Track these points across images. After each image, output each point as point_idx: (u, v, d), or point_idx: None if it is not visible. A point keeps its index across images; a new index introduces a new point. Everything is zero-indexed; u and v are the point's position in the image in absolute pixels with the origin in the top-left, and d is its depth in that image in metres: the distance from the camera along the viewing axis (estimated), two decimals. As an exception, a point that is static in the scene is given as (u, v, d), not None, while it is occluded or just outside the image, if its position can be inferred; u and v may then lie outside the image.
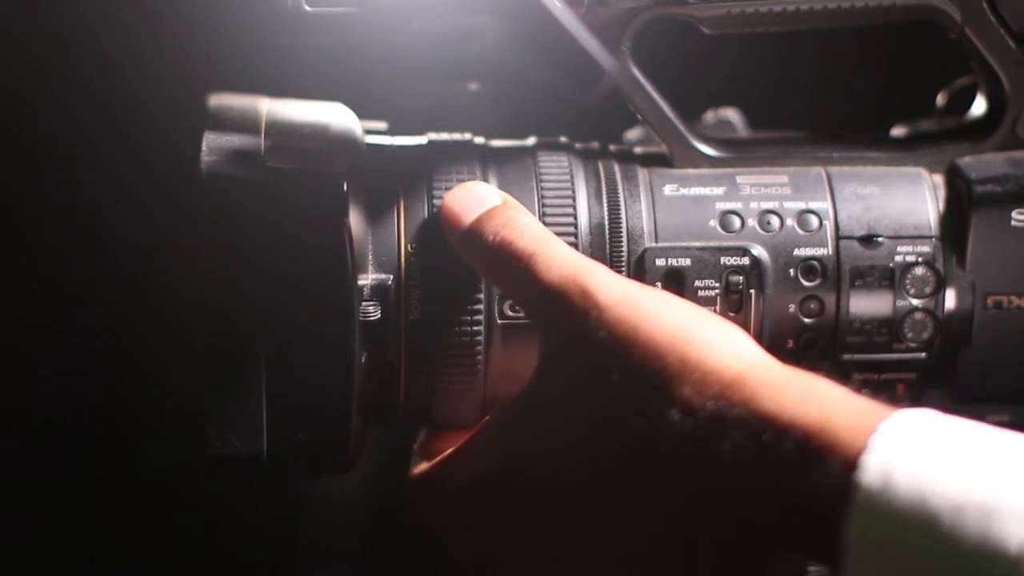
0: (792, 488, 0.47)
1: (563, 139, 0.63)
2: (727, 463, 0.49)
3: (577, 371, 0.53)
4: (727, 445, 0.48)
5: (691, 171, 0.61)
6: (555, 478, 0.53)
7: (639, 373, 0.51)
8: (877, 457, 0.45)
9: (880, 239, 0.60)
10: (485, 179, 0.60)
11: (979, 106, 0.65)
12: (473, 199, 0.58)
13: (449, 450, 0.58)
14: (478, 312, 0.58)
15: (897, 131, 0.67)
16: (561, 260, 0.55)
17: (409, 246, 0.59)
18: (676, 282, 0.59)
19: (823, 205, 0.60)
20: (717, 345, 0.51)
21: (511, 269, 0.56)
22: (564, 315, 0.54)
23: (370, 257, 0.58)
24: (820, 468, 0.46)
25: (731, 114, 0.68)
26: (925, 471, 0.44)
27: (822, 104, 0.85)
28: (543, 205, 0.60)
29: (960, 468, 0.44)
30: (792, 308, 0.59)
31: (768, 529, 0.48)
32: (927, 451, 0.45)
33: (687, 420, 0.50)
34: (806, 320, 0.60)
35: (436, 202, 0.59)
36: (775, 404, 0.48)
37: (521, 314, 0.59)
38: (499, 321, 0.59)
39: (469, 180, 0.60)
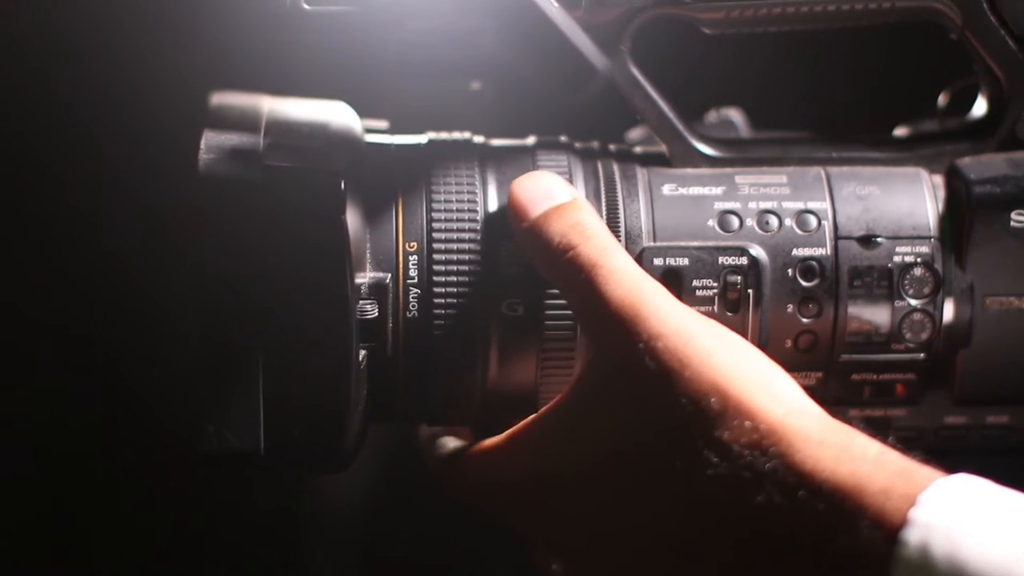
0: (824, 549, 0.47)
1: (563, 139, 0.63)
2: (760, 513, 0.49)
3: (619, 396, 0.53)
4: (761, 496, 0.49)
5: (690, 171, 0.61)
6: (591, 491, 0.54)
7: (680, 412, 0.52)
8: (916, 533, 0.45)
9: (879, 239, 0.60)
10: (484, 178, 0.60)
11: (979, 107, 0.65)
12: (541, 191, 0.58)
13: (492, 440, 0.58)
14: (476, 311, 0.58)
15: (897, 131, 0.67)
16: (621, 277, 0.55)
17: (408, 245, 0.59)
18: (674, 282, 0.59)
19: (822, 205, 0.60)
20: (758, 391, 0.51)
21: (572, 277, 0.56)
22: (615, 336, 0.54)
23: (368, 255, 0.58)
24: (853, 532, 0.47)
25: (733, 114, 0.68)
26: (963, 552, 0.45)
27: (822, 104, 0.85)
28: (542, 204, 0.60)
29: (998, 551, 0.44)
30: (790, 308, 0.59)
31: None
32: (966, 529, 0.45)
33: (723, 465, 0.50)
34: (804, 320, 0.59)
35: (435, 202, 0.59)
36: (811, 461, 0.49)
37: (519, 312, 0.59)
38: (497, 319, 0.59)
39: (468, 179, 0.60)
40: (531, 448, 0.56)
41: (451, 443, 0.60)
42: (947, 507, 0.46)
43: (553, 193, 0.58)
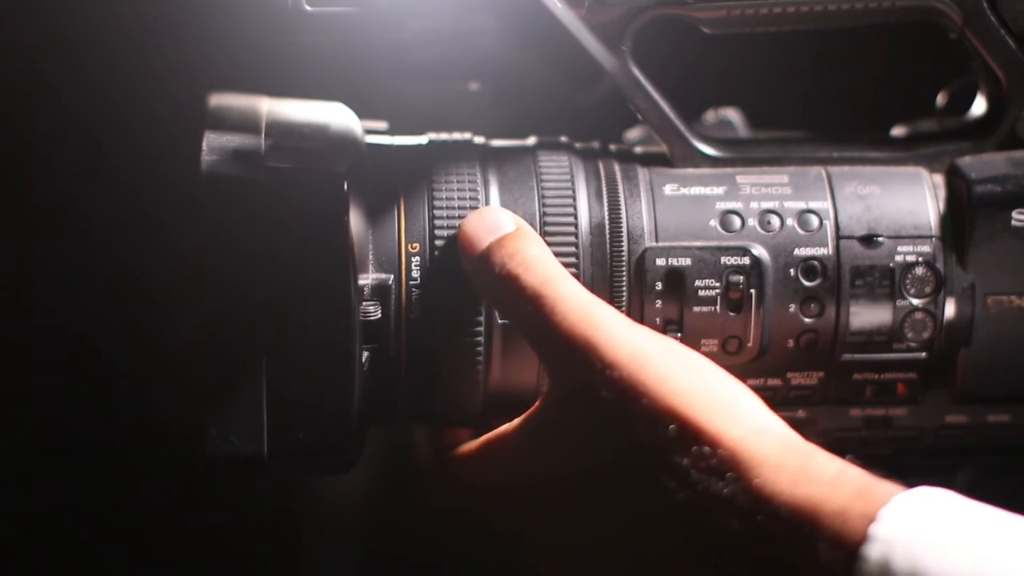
0: (784, 571, 0.48)
1: (563, 139, 0.63)
2: (721, 538, 0.49)
3: (578, 422, 0.54)
4: (721, 521, 0.49)
5: (691, 171, 0.61)
6: (559, 502, 0.55)
7: (639, 440, 0.52)
8: (877, 548, 0.46)
9: (880, 239, 0.60)
10: (485, 179, 0.60)
11: (979, 106, 0.65)
12: (487, 225, 0.58)
13: (468, 446, 0.58)
14: (478, 312, 0.58)
15: (897, 131, 0.67)
16: (567, 305, 0.55)
17: (410, 246, 0.59)
18: (676, 282, 0.59)
19: (823, 205, 0.60)
20: (716, 413, 0.52)
21: (517, 308, 0.56)
22: (569, 366, 0.54)
23: (370, 257, 0.58)
24: (811, 554, 0.47)
25: (731, 114, 0.68)
26: (925, 565, 0.45)
27: (822, 104, 0.85)
28: (543, 205, 0.60)
29: (961, 563, 0.45)
30: (792, 308, 0.59)
31: None
32: (928, 542, 0.45)
33: (682, 490, 0.51)
34: (806, 320, 0.60)
35: (436, 202, 0.59)
36: (768, 485, 0.49)
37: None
38: (499, 321, 0.59)
39: (469, 180, 0.60)
40: (503, 457, 0.57)
41: (435, 444, 0.61)
42: (908, 521, 0.46)
43: (499, 225, 0.58)
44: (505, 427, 0.57)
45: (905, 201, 0.60)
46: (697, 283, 0.59)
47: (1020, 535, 0.46)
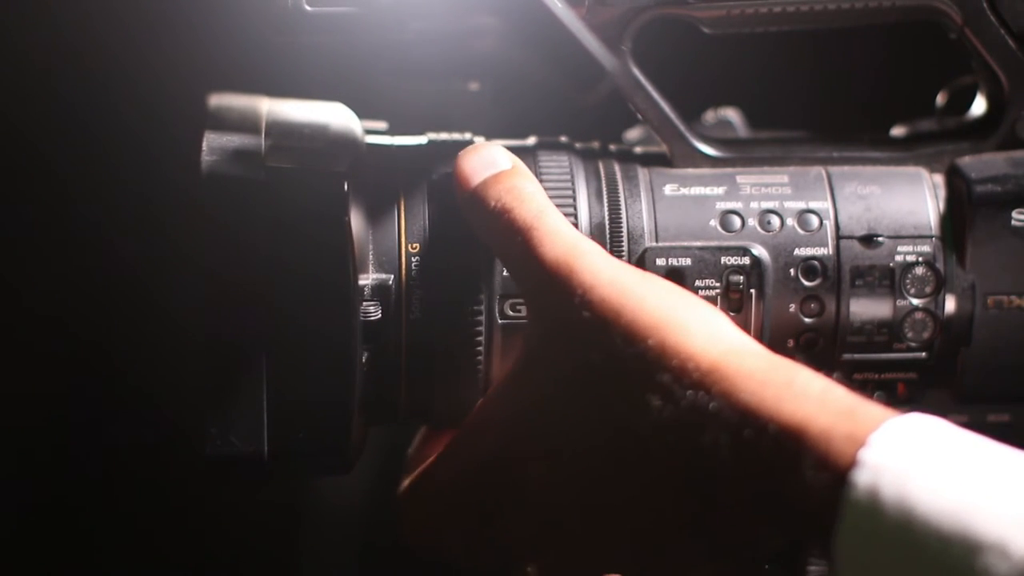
0: (771, 489, 0.47)
1: (563, 139, 0.63)
2: (707, 455, 0.49)
3: (560, 352, 0.54)
4: (707, 437, 0.49)
5: (691, 171, 0.61)
6: (548, 459, 0.54)
7: (619, 357, 0.52)
8: (865, 475, 0.45)
9: (880, 239, 0.60)
10: (485, 179, 0.60)
11: (979, 106, 0.65)
12: (483, 161, 0.58)
13: (450, 438, 0.58)
14: (479, 312, 0.58)
15: (897, 131, 0.67)
16: (555, 237, 0.55)
17: (410, 246, 0.59)
18: (677, 282, 0.59)
19: (823, 205, 0.60)
20: (697, 330, 0.52)
21: (508, 240, 0.56)
22: (551, 294, 0.54)
23: (371, 257, 0.58)
24: (797, 473, 0.46)
25: (731, 114, 0.68)
26: (913, 495, 0.44)
27: (822, 104, 0.85)
28: (543, 205, 0.60)
29: (950, 496, 0.44)
30: (792, 308, 0.59)
31: (751, 519, 0.49)
32: (918, 471, 0.45)
33: (667, 407, 0.50)
34: (806, 320, 0.60)
35: (436, 202, 0.59)
36: (755, 399, 0.49)
37: (521, 314, 0.59)
38: (499, 321, 0.59)
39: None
40: (487, 424, 0.56)
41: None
42: (898, 447, 0.45)
43: (495, 162, 0.58)
44: (483, 399, 0.57)
45: (905, 201, 0.60)
46: (697, 283, 0.59)
47: (1013, 467, 0.45)
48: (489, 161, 0.58)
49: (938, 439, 0.46)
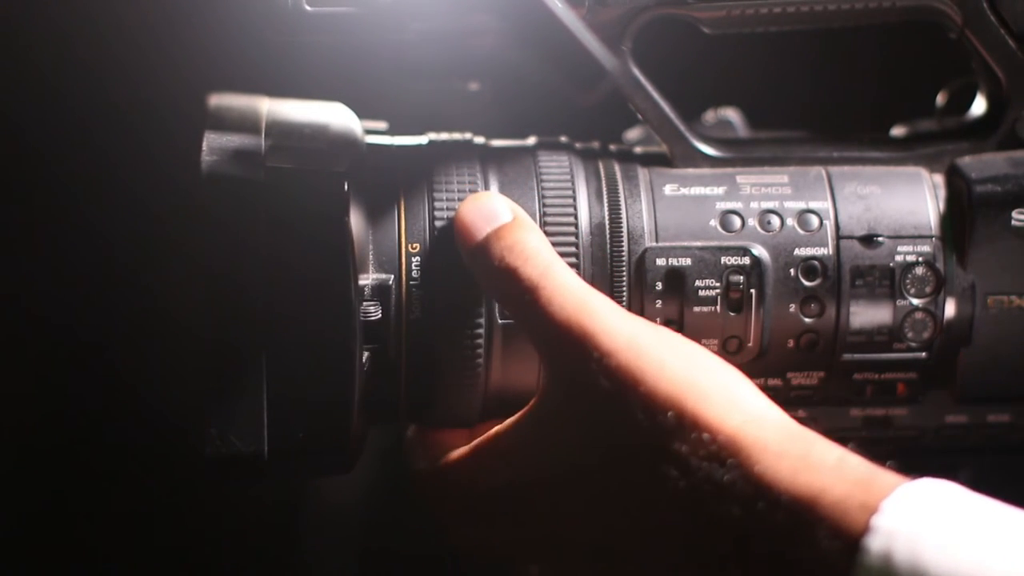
0: (783, 558, 0.48)
1: (563, 139, 0.63)
2: (720, 525, 0.49)
3: (578, 414, 0.54)
4: (721, 508, 0.49)
5: (691, 171, 0.61)
6: (558, 500, 0.54)
7: (637, 428, 0.52)
8: (878, 540, 0.45)
9: (880, 239, 0.60)
10: (485, 179, 0.60)
11: (979, 106, 0.65)
12: (484, 214, 0.57)
13: (460, 450, 0.58)
14: (479, 312, 0.58)
15: (897, 131, 0.67)
16: (564, 295, 0.55)
17: (410, 246, 0.59)
18: (676, 282, 0.59)
19: (823, 205, 0.60)
20: (715, 400, 0.52)
21: (515, 298, 0.56)
22: (566, 356, 0.54)
23: (371, 257, 0.58)
24: (811, 542, 0.47)
25: (731, 114, 0.68)
26: (926, 558, 0.45)
27: (822, 104, 0.85)
28: (544, 205, 0.60)
29: (962, 558, 0.44)
30: (792, 308, 0.59)
31: None
32: (930, 535, 0.45)
33: (682, 479, 0.50)
34: (806, 320, 0.60)
35: (437, 202, 0.59)
36: (770, 472, 0.49)
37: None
38: (500, 321, 0.59)
39: (469, 180, 0.60)
40: (499, 455, 0.56)
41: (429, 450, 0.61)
42: (911, 513, 0.46)
43: (495, 214, 0.57)
44: (500, 426, 0.57)
45: (905, 201, 0.60)
46: (697, 283, 0.59)
47: (1018, 524, 0.46)
48: (489, 213, 0.57)
49: (950, 503, 0.46)
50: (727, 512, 0.49)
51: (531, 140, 0.63)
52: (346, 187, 0.56)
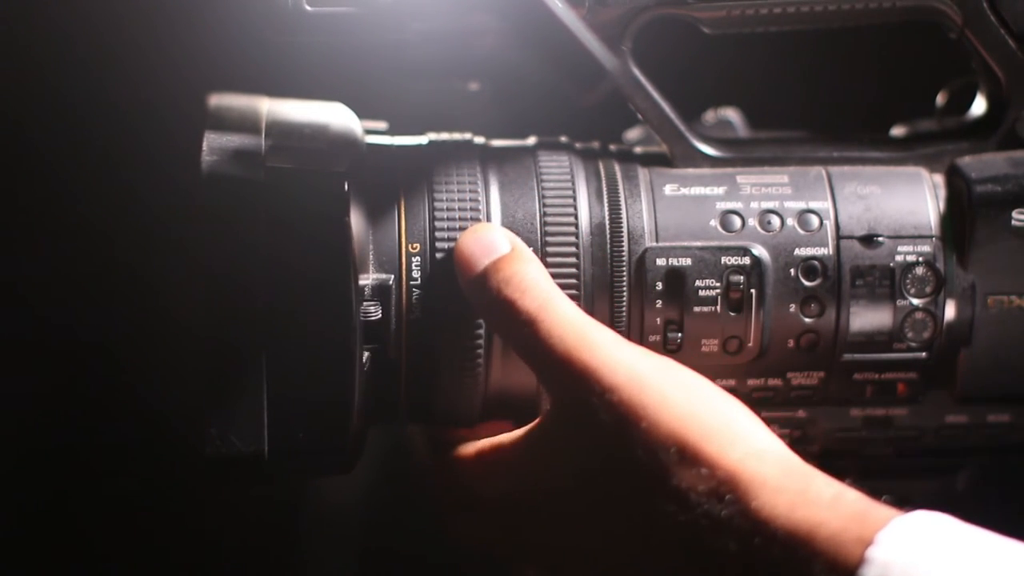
0: None
1: (563, 139, 0.63)
2: (719, 561, 0.50)
3: (578, 445, 0.54)
4: (718, 543, 0.50)
5: (691, 171, 0.61)
6: (557, 516, 0.55)
7: (639, 464, 0.52)
8: (874, 572, 0.46)
9: (880, 239, 0.60)
10: (485, 179, 0.60)
11: (979, 106, 0.65)
12: (482, 245, 0.57)
13: (464, 451, 0.58)
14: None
15: (897, 131, 0.67)
16: (563, 328, 0.55)
17: (410, 246, 0.59)
18: (677, 282, 0.59)
19: (823, 205, 0.60)
20: (716, 436, 0.52)
21: (515, 330, 0.56)
22: (567, 390, 0.54)
23: (371, 257, 0.58)
24: None
25: (731, 114, 0.68)
26: None
27: (822, 104, 0.85)
28: (544, 205, 0.60)
29: None
30: (793, 308, 0.59)
31: None
32: (924, 566, 0.46)
33: (681, 514, 0.51)
34: (807, 320, 0.60)
35: (437, 202, 0.59)
36: (767, 508, 0.49)
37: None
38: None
39: (470, 180, 0.60)
40: (500, 468, 0.57)
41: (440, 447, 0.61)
42: (906, 544, 0.46)
43: (494, 246, 0.57)
44: (503, 437, 0.57)
45: (905, 201, 0.60)
46: (697, 283, 0.59)
47: (1015, 560, 0.46)
48: (488, 245, 0.57)
49: (944, 534, 0.47)
50: (724, 547, 0.49)
51: (531, 140, 0.63)
52: (346, 187, 0.56)
